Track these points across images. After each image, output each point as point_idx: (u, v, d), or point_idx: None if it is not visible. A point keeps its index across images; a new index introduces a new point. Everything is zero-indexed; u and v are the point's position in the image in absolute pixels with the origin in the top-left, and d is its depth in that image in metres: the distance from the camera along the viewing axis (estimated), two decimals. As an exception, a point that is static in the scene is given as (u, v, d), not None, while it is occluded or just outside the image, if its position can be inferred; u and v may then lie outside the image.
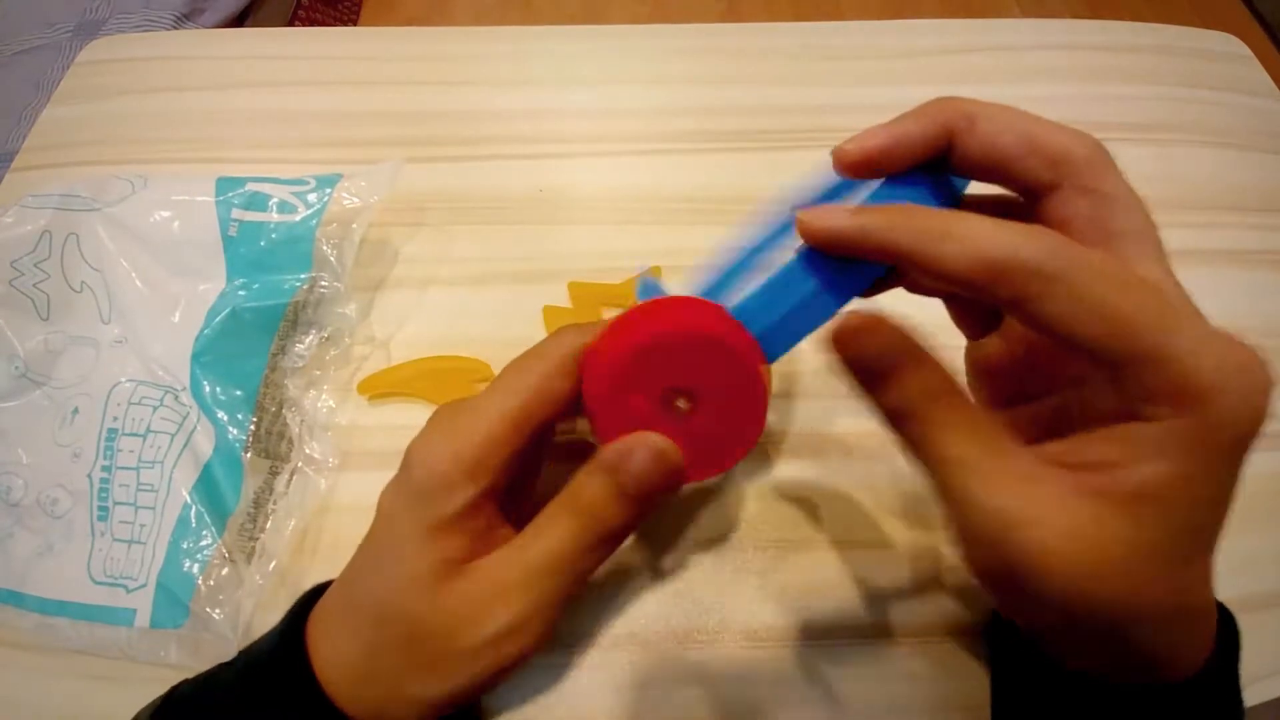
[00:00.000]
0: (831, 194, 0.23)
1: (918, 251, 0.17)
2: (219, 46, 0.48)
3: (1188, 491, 0.16)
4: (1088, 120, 0.43)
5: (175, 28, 0.93)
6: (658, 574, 0.30)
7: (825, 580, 0.30)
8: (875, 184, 0.21)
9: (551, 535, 0.21)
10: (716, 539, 0.30)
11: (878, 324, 0.18)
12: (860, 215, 0.18)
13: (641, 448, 0.20)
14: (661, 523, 0.31)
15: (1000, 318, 0.23)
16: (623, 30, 0.49)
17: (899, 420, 0.18)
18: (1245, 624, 0.20)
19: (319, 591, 0.24)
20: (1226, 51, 0.48)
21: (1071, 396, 0.21)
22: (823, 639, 0.28)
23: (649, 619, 0.29)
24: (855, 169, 0.20)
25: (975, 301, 0.22)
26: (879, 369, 0.18)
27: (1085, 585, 0.16)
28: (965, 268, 0.17)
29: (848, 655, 0.28)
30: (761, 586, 0.29)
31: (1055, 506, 0.17)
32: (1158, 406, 0.16)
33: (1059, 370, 0.21)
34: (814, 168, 0.23)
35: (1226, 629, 0.20)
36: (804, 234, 0.19)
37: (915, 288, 0.22)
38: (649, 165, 0.42)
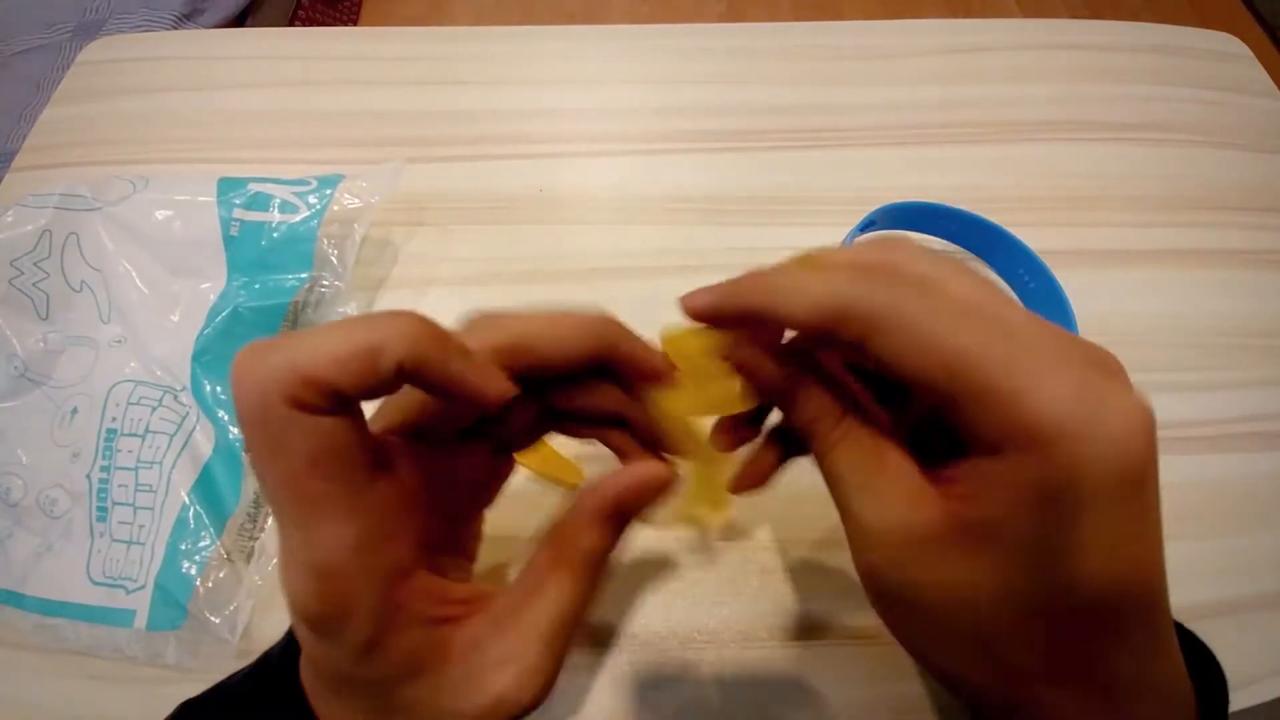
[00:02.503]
0: None
1: (769, 307, 0.18)
2: (219, 46, 0.48)
3: (1022, 534, 0.16)
4: (1088, 120, 0.43)
5: (175, 28, 0.93)
6: (658, 574, 0.30)
7: (825, 580, 0.30)
8: None
9: (558, 595, 0.19)
10: (716, 540, 0.30)
11: (758, 365, 0.19)
12: (717, 287, 0.19)
13: (632, 479, 0.20)
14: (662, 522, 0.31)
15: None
16: (623, 30, 0.49)
17: (803, 436, 0.19)
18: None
19: None
20: (1226, 51, 0.48)
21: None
22: (823, 639, 0.28)
23: (649, 619, 0.29)
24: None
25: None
26: (782, 393, 0.19)
27: (935, 611, 0.17)
28: (807, 316, 0.17)
29: (848, 655, 0.28)
30: (761, 586, 0.29)
31: (920, 532, 0.17)
32: (1002, 444, 0.15)
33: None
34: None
35: None
36: (687, 312, 0.20)
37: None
38: (649, 165, 0.42)
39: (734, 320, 0.20)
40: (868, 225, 0.35)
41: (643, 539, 0.30)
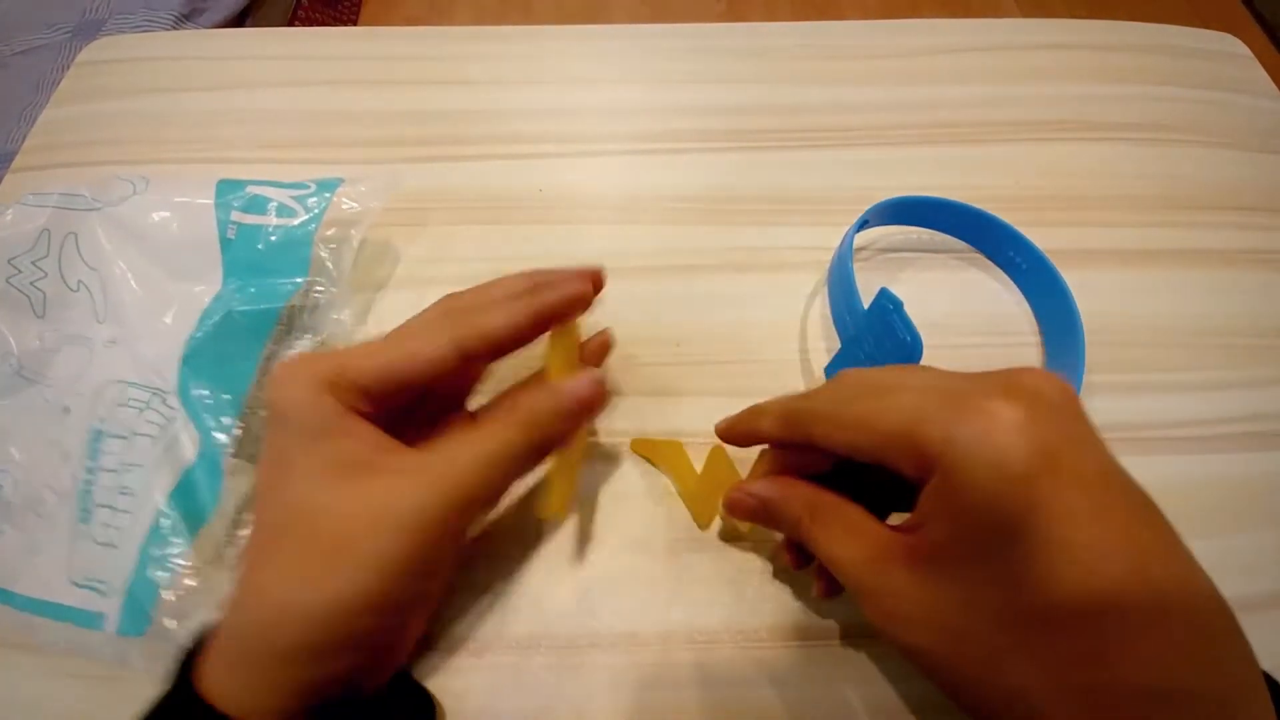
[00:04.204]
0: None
1: (744, 432, 0.27)
2: (219, 46, 0.48)
3: (952, 548, 0.19)
4: (1088, 120, 0.44)
5: (175, 28, 0.93)
6: (657, 574, 0.30)
7: (825, 581, 0.29)
8: None
9: (497, 437, 0.23)
10: (716, 539, 0.30)
11: (741, 499, 0.26)
12: (728, 420, 0.27)
13: (586, 377, 0.25)
14: (662, 522, 0.31)
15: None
16: (623, 30, 0.49)
17: (799, 539, 0.25)
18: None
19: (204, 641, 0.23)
20: (1226, 51, 0.48)
21: None
22: (823, 639, 0.28)
23: (649, 619, 0.29)
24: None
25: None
26: (764, 519, 0.26)
27: (915, 641, 0.21)
28: (774, 430, 0.25)
29: (848, 655, 0.28)
30: (761, 586, 0.29)
31: (887, 575, 0.21)
32: (919, 475, 0.19)
33: None
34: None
35: None
36: (718, 435, 0.28)
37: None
38: (649, 165, 0.42)
39: (739, 439, 0.27)
40: (863, 224, 0.36)
41: (642, 539, 0.30)
